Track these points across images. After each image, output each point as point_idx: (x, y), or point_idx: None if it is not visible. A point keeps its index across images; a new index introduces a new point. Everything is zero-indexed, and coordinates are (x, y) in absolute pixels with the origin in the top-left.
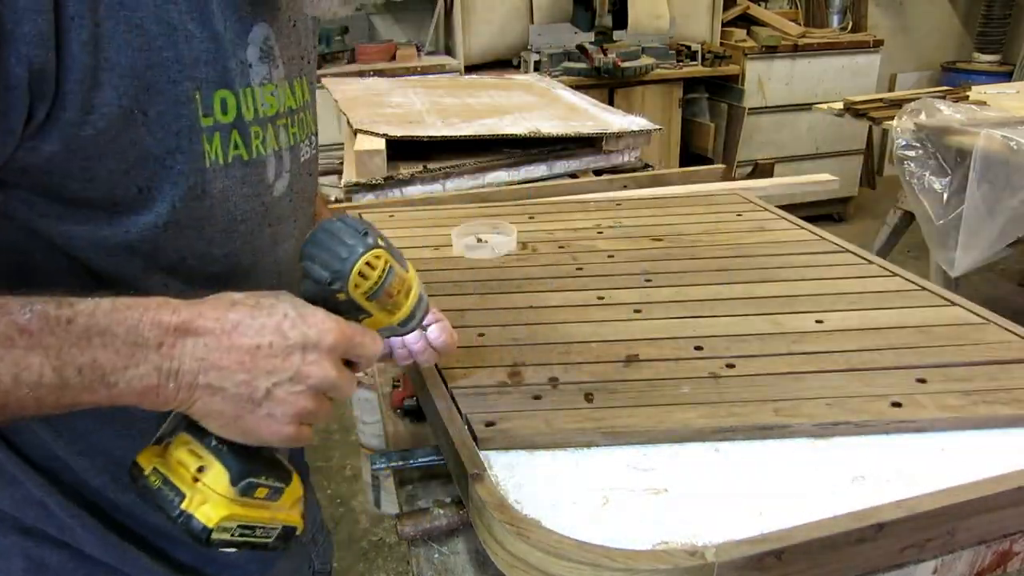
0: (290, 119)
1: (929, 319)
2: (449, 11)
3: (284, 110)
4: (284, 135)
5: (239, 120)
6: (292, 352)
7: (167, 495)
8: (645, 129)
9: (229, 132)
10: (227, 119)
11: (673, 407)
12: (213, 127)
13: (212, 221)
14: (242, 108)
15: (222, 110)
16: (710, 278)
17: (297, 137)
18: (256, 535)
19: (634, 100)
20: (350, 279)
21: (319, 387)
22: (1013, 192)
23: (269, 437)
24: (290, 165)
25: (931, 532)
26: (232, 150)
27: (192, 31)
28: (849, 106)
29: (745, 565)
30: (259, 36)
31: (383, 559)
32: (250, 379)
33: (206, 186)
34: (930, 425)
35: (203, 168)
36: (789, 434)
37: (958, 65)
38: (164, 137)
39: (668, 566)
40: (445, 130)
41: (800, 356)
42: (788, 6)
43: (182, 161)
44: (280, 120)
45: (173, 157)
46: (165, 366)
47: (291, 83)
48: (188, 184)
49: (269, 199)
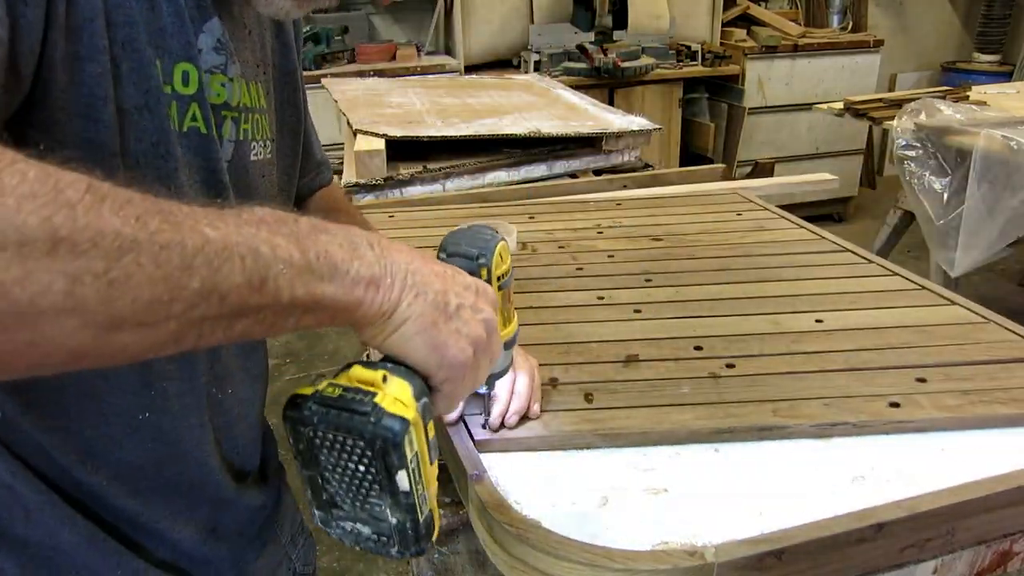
0: (243, 115)
1: (929, 318)
2: (449, 11)
3: (237, 104)
4: (230, 126)
5: (200, 94)
6: (469, 287)
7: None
8: (645, 129)
9: (188, 103)
10: (188, 91)
11: (673, 407)
12: (171, 95)
13: (177, 185)
14: (204, 84)
15: (183, 82)
16: (710, 278)
17: (250, 134)
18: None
19: (634, 100)
20: (493, 256)
21: (490, 321)
22: (1013, 192)
23: (456, 352)
24: (232, 156)
25: (931, 532)
26: (190, 121)
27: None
28: (849, 106)
29: (745, 565)
30: (215, 28)
31: (383, 559)
32: (445, 291)
33: (170, 147)
34: (929, 425)
35: (167, 129)
36: (788, 435)
37: (958, 65)
38: (134, 93)
39: (668, 566)
40: (445, 130)
41: (800, 356)
42: (788, 6)
43: (148, 119)
44: (228, 112)
45: (140, 114)
46: (383, 261)
47: (247, 82)
48: (152, 141)
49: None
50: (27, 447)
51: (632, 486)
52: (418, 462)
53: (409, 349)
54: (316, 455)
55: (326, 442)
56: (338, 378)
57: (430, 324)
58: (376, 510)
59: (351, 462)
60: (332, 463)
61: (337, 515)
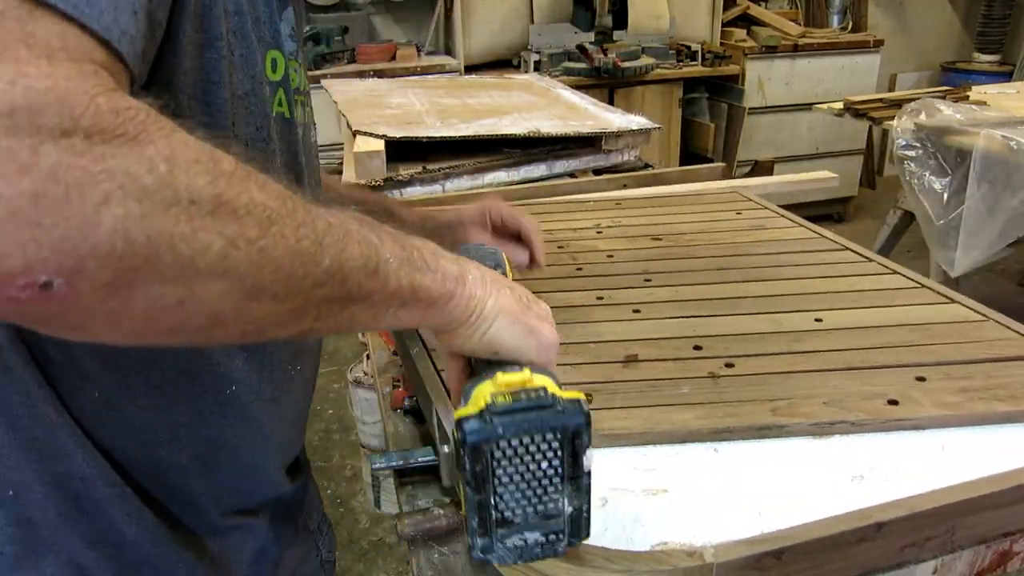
0: (306, 99)
1: (928, 317)
2: (449, 11)
3: (303, 88)
4: (300, 111)
5: (285, 80)
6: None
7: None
8: (645, 128)
9: (276, 89)
10: (276, 77)
11: (672, 407)
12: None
13: (276, 168)
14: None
15: (272, 68)
16: (710, 277)
17: (308, 116)
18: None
19: (634, 100)
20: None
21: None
22: (1013, 192)
23: (547, 334)
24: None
25: (931, 531)
26: (277, 106)
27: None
28: (849, 106)
29: (744, 565)
30: (290, 16)
31: (383, 559)
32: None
33: (270, 131)
34: (928, 423)
35: (268, 114)
36: (787, 434)
37: (958, 65)
38: (244, 80)
39: (667, 566)
40: (444, 131)
41: (799, 355)
42: (788, 6)
43: (254, 103)
44: (298, 96)
45: (249, 99)
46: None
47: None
48: (257, 125)
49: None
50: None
51: (632, 486)
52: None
53: (507, 341)
54: (493, 472)
55: (508, 452)
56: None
57: (519, 314)
58: (551, 507)
59: (534, 463)
60: (509, 475)
61: (503, 534)
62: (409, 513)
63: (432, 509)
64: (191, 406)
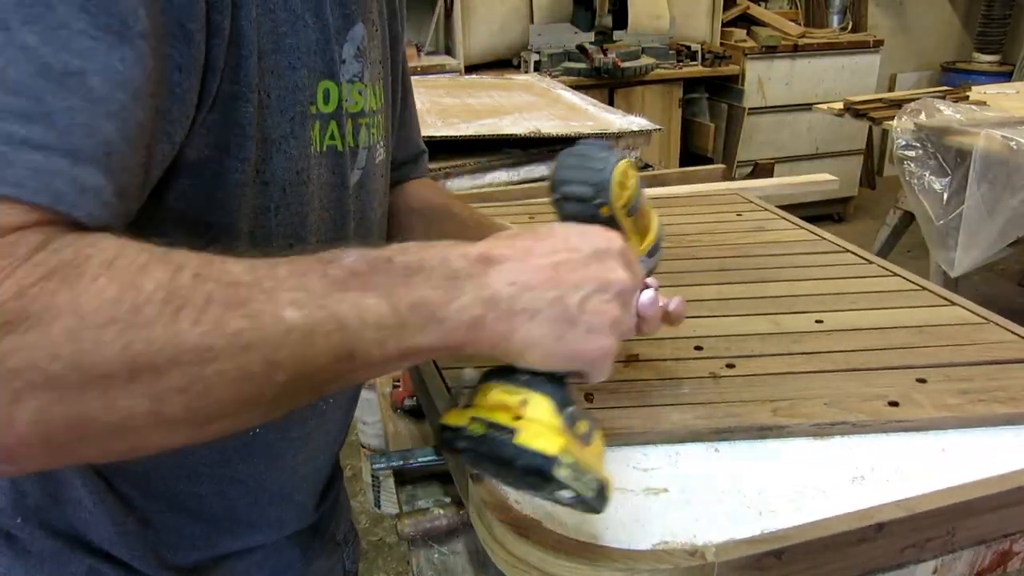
0: (372, 119)
1: (929, 319)
2: (449, 11)
3: (368, 110)
4: (364, 134)
5: (338, 111)
6: (589, 262)
7: (496, 436)
8: (645, 129)
9: (328, 122)
10: (328, 109)
11: (673, 407)
12: (316, 115)
13: (312, 208)
14: (342, 100)
15: (324, 99)
16: (710, 278)
17: (375, 137)
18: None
19: (634, 100)
20: (611, 190)
21: (624, 291)
22: (1013, 192)
23: (596, 353)
24: (365, 163)
25: (931, 532)
26: (328, 140)
27: (308, 21)
28: (849, 106)
29: (745, 565)
30: (358, 35)
31: (383, 559)
32: (561, 295)
33: (310, 172)
34: (928, 424)
35: (309, 154)
36: (788, 434)
37: (958, 65)
38: (280, 122)
39: (668, 566)
40: (445, 130)
41: (800, 356)
42: (788, 6)
43: (293, 146)
44: (363, 119)
45: (287, 141)
46: (484, 294)
47: (374, 85)
48: (296, 169)
49: (344, 193)
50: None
51: (632, 486)
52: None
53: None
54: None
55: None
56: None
57: (556, 340)
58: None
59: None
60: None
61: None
62: (409, 513)
63: (432, 509)
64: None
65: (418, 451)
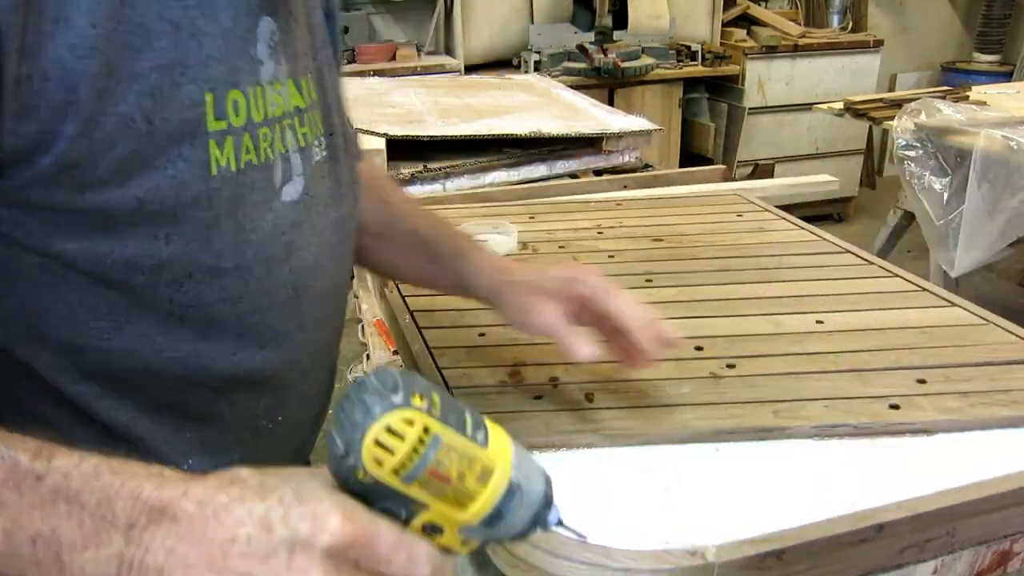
0: (298, 119)
1: (929, 320)
2: (449, 11)
3: (291, 110)
4: (292, 136)
5: (250, 122)
6: (275, 552)
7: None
8: (645, 129)
9: (241, 135)
10: (239, 121)
11: (674, 407)
12: (225, 131)
13: (220, 232)
14: (251, 109)
15: (234, 111)
16: (710, 278)
17: (307, 138)
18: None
19: (634, 100)
20: (363, 451)
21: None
22: (1013, 192)
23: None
24: (301, 168)
25: (931, 532)
26: (244, 155)
27: (200, 27)
28: (849, 106)
29: (746, 565)
30: (266, 31)
31: None
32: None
33: (212, 195)
34: (929, 427)
35: (207, 176)
36: (789, 435)
37: (958, 65)
38: (167, 146)
39: (668, 566)
40: (445, 130)
41: (800, 356)
42: (788, 6)
43: (185, 170)
44: (286, 120)
45: (175, 166)
46: (128, 554)
47: (296, 81)
48: (192, 195)
49: (278, 205)
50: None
51: (633, 486)
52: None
53: None
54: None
55: None
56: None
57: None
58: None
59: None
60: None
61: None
62: None
63: None
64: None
65: None
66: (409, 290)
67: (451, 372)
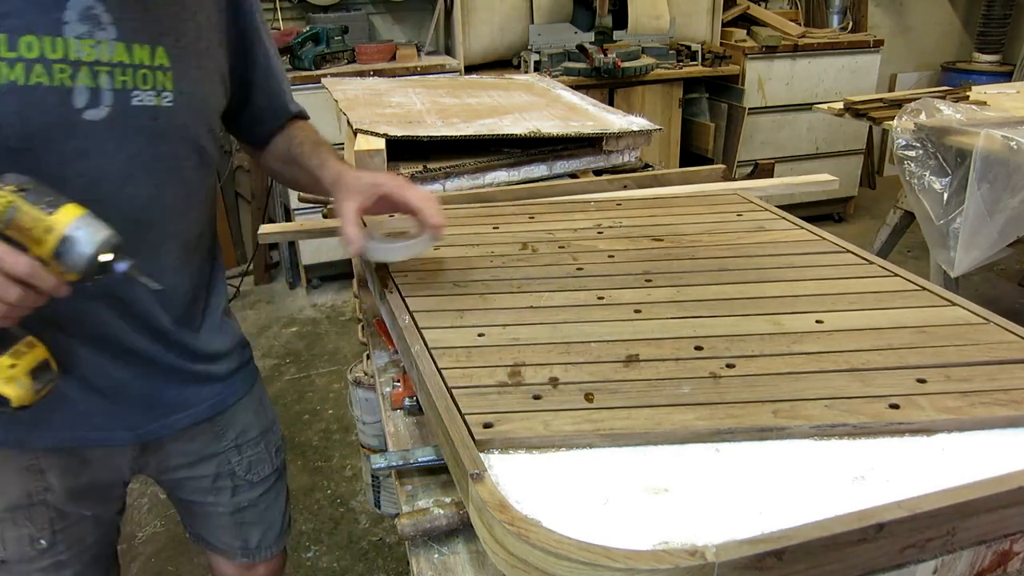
0: (119, 70)
1: (929, 319)
2: (449, 11)
3: (113, 61)
4: (107, 79)
5: (43, 58)
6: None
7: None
8: (645, 129)
9: (32, 64)
10: (31, 55)
11: (673, 407)
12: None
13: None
14: (45, 49)
15: (27, 48)
16: (710, 278)
17: (127, 84)
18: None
19: (634, 100)
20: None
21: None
22: (1013, 192)
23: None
24: (112, 102)
25: (931, 532)
26: (35, 77)
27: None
28: (849, 106)
29: (745, 565)
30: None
31: (383, 559)
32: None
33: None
34: (929, 427)
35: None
36: (788, 435)
37: (958, 65)
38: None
39: (668, 566)
40: (445, 130)
41: (800, 356)
42: (788, 6)
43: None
44: (102, 67)
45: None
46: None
47: (129, 45)
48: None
49: (76, 119)
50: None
51: (632, 486)
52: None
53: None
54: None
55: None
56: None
57: None
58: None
59: None
60: None
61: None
62: (409, 513)
63: (432, 509)
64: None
65: (418, 451)
66: (409, 290)
67: (451, 372)
